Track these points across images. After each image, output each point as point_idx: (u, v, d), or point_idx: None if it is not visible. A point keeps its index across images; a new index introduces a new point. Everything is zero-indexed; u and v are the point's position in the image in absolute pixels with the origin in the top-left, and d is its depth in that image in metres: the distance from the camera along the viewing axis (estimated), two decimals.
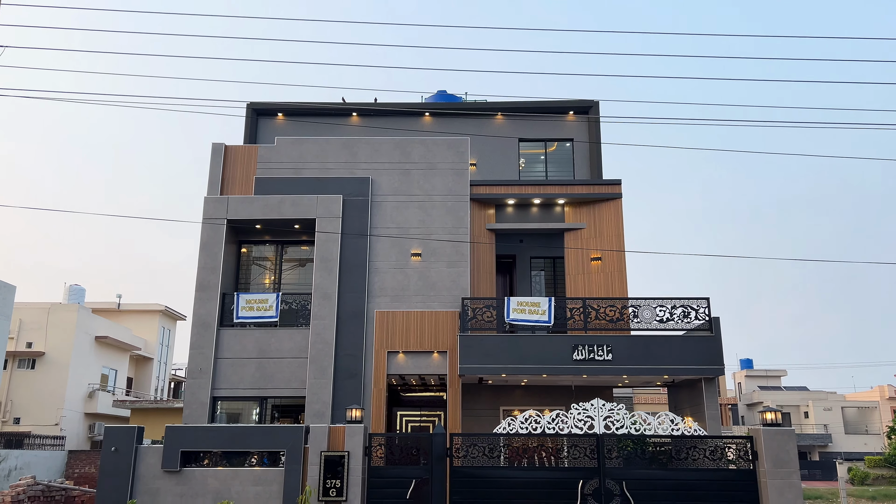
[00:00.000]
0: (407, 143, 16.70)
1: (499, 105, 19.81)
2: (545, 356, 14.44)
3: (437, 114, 19.78)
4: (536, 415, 11.42)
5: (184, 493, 11.07)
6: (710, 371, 14.31)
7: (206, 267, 15.64)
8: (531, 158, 19.62)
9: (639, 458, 11.66)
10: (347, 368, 15.01)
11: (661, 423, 11.25)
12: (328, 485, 10.84)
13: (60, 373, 32.84)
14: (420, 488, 10.94)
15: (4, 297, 27.69)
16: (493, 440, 11.44)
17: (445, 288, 15.59)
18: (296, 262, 17.15)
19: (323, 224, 15.78)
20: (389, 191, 16.27)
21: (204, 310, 15.41)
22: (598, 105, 19.39)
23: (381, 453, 11.35)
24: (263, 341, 15.38)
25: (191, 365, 15.22)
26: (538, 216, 17.77)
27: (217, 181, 16.41)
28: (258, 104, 19.73)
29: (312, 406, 14.63)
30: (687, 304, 14.62)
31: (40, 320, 33.39)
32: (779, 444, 10.72)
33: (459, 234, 15.93)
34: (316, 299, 15.34)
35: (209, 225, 15.84)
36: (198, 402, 14.89)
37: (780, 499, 10.47)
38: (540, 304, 14.91)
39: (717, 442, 11.26)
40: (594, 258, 17.15)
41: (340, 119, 19.86)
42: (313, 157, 16.57)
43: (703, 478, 10.95)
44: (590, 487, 10.92)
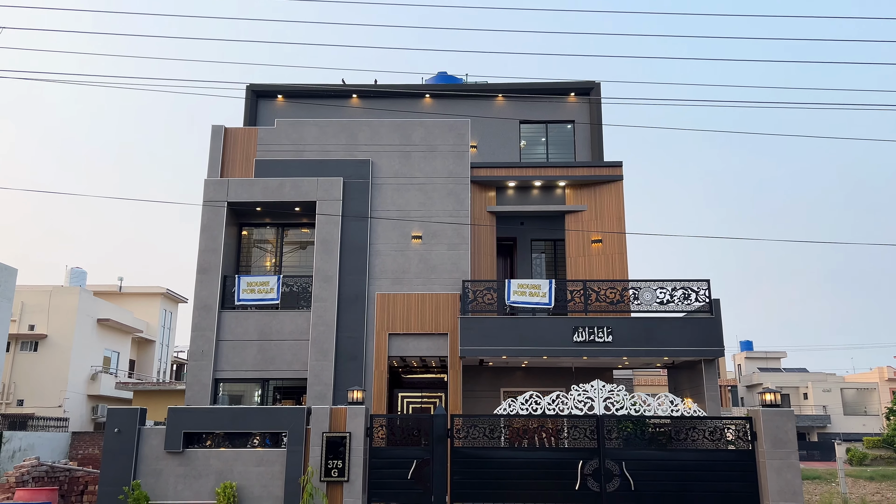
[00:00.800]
0: (407, 125, 16.64)
1: (499, 86, 19.72)
2: (545, 338, 14.49)
3: (437, 95, 19.69)
4: (537, 396, 11.47)
5: (187, 473, 11.17)
6: (709, 353, 14.36)
7: (206, 249, 15.66)
8: (532, 140, 19.56)
9: (638, 439, 11.72)
10: (349, 350, 15.07)
11: (661, 405, 11.31)
12: (330, 465, 10.93)
13: (63, 355, 32.99)
14: (421, 468, 11.03)
15: (6, 279, 27.75)
16: (493, 421, 11.50)
17: (446, 270, 15.61)
18: (296, 245, 17.16)
19: (323, 206, 15.76)
20: (390, 173, 16.23)
21: (205, 292, 15.45)
22: (599, 86, 19.30)
23: (383, 434, 11.43)
24: (265, 323, 15.43)
25: (192, 347, 15.29)
26: (539, 198, 17.74)
27: (217, 164, 16.37)
28: (258, 86, 19.64)
29: (314, 388, 14.71)
30: (687, 286, 14.63)
31: (42, 303, 33.50)
32: (778, 424, 10.77)
33: (460, 216, 15.91)
34: (317, 282, 15.36)
35: (210, 207, 15.83)
36: (200, 383, 14.97)
37: (779, 479, 10.55)
38: (540, 286, 14.93)
39: (716, 423, 11.32)
40: (595, 240, 17.15)
41: (340, 101, 19.78)
42: (313, 140, 16.52)
43: (702, 458, 11.02)
44: (590, 468, 11.00)
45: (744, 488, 10.84)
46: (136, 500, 10.79)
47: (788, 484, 10.52)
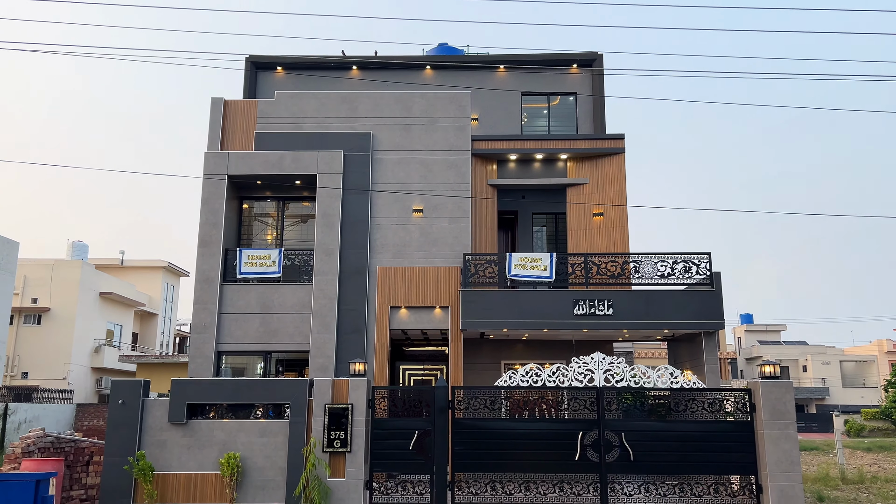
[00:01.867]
0: (408, 97, 16.51)
1: (501, 58, 19.53)
2: (546, 311, 14.54)
3: (438, 67, 19.52)
4: (537, 368, 11.55)
5: (191, 444, 11.29)
6: (710, 325, 14.41)
7: (207, 223, 15.65)
8: (534, 113, 19.42)
9: (638, 411, 11.83)
10: (350, 323, 15.13)
11: (661, 377, 11.38)
12: (332, 436, 11.03)
13: (66, 328, 33.20)
14: (423, 439, 11.14)
15: (8, 252, 27.80)
16: (494, 393, 11.59)
17: (447, 244, 15.60)
18: (297, 218, 17.14)
19: (324, 180, 15.71)
20: (390, 146, 16.15)
21: (207, 265, 15.48)
22: (601, 58, 19.11)
23: (385, 406, 11.52)
24: (266, 297, 15.48)
25: (195, 320, 15.35)
26: (540, 172, 17.67)
27: (217, 136, 16.29)
28: (257, 57, 19.47)
29: (316, 360, 14.80)
30: (688, 259, 14.64)
31: (44, 276, 33.62)
32: (776, 396, 10.85)
33: (461, 189, 15.86)
34: (318, 255, 15.38)
35: (210, 181, 15.78)
36: (203, 356, 15.07)
37: (777, 449, 10.65)
38: (541, 259, 14.94)
39: (715, 395, 11.41)
40: (596, 214, 17.12)
41: (340, 73, 19.61)
42: (313, 112, 16.41)
43: (700, 429, 11.13)
44: (589, 439, 11.11)
45: (742, 459, 10.96)
46: (140, 470, 10.92)
47: (786, 454, 10.63)
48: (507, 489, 11.10)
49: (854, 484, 14.91)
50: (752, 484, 10.95)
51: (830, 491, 13.92)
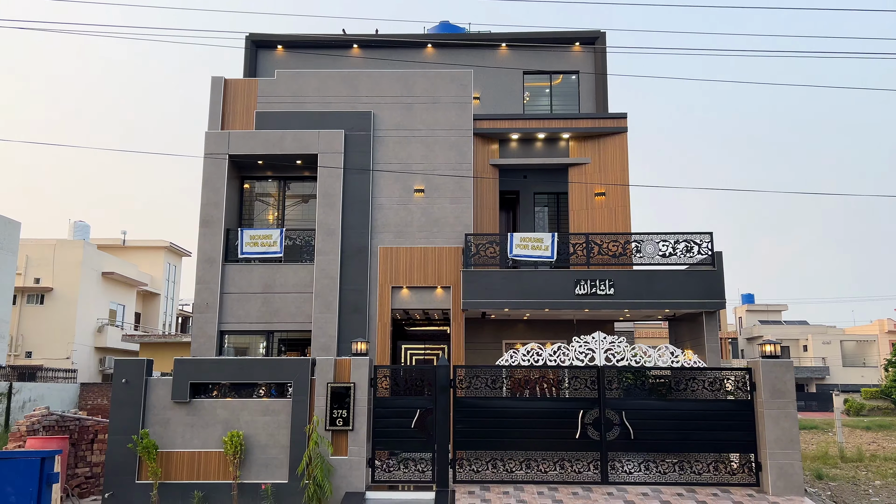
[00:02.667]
0: (409, 76, 16.40)
1: (503, 36, 19.36)
2: (548, 291, 14.55)
3: (439, 45, 19.36)
4: (538, 348, 11.59)
5: (194, 422, 11.37)
6: (711, 305, 14.43)
7: (209, 203, 15.63)
8: (536, 92, 19.30)
9: (638, 390, 11.89)
10: (352, 303, 15.17)
11: (661, 356, 11.43)
12: (335, 415, 11.11)
13: (69, 308, 33.31)
14: (424, 418, 11.22)
15: (9, 233, 27.83)
16: (495, 372, 11.65)
17: (448, 224, 15.59)
18: (299, 198, 17.12)
19: (325, 159, 15.66)
20: (391, 125, 16.07)
21: (208, 245, 15.49)
22: (604, 36, 18.94)
23: (386, 385, 11.59)
24: (268, 276, 15.50)
25: (197, 300, 15.40)
26: (542, 151, 17.59)
27: (217, 116, 16.22)
28: (258, 36, 19.32)
29: (318, 339, 14.86)
30: (690, 239, 14.62)
31: (47, 256, 33.67)
32: (776, 375, 10.90)
33: (462, 169, 15.81)
34: (320, 235, 15.38)
35: (211, 160, 15.74)
36: (205, 335, 15.13)
37: (776, 428, 10.72)
38: (543, 239, 14.93)
39: (715, 373, 11.46)
40: (598, 193, 17.07)
41: (341, 51, 19.47)
42: (314, 91, 16.32)
43: (701, 408, 11.19)
44: (590, 417, 11.18)
45: (742, 437, 11.04)
46: (145, 447, 11.02)
47: (785, 433, 10.71)
48: (507, 467, 11.20)
49: (853, 462, 15.02)
50: (752, 462, 11.04)
51: (829, 469, 14.03)
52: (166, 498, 11.06)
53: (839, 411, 19.07)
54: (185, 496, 11.06)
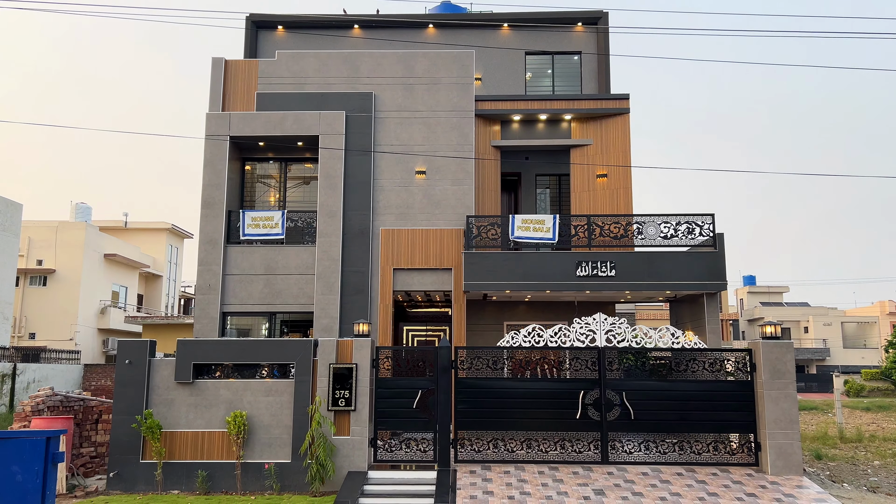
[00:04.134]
0: (410, 57, 16.31)
1: (505, 16, 19.23)
2: (549, 273, 14.57)
3: (440, 25, 19.23)
4: (539, 329, 11.64)
5: (197, 403, 11.46)
6: (712, 287, 14.45)
7: (210, 184, 15.62)
8: (538, 72, 19.20)
9: (639, 371, 11.95)
10: (354, 285, 15.21)
11: (662, 337, 11.47)
12: (337, 395, 11.19)
13: (72, 289, 33.41)
14: (426, 398, 11.30)
15: (12, 214, 27.85)
16: (496, 353, 11.71)
17: (450, 206, 15.58)
18: (300, 180, 17.10)
19: (326, 141, 15.62)
20: (393, 106, 16.01)
21: (210, 227, 15.50)
22: (607, 16, 18.81)
23: (388, 366, 11.66)
24: (270, 258, 15.53)
25: (199, 281, 15.44)
26: (544, 132, 17.54)
27: (218, 97, 16.16)
28: (258, 16, 19.20)
29: (321, 321, 14.92)
30: (691, 221, 14.61)
31: (49, 238, 33.72)
32: (777, 356, 10.94)
33: (464, 151, 15.77)
34: (321, 217, 15.38)
35: (212, 142, 15.71)
36: (208, 317, 15.19)
37: (776, 408, 10.78)
38: (545, 221, 14.92)
39: (716, 354, 11.50)
40: (600, 175, 17.04)
41: (342, 31, 19.35)
42: (315, 72, 16.24)
43: (701, 388, 11.25)
44: (590, 398, 11.25)
45: (742, 417, 11.11)
46: (149, 427, 11.11)
47: (785, 413, 10.77)
48: (508, 447, 11.29)
49: (852, 443, 15.11)
50: (751, 442, 11.11)
51: (828, 449, 14.12)
52: (170, 477, 11.18)
53: (839, 392, 19.14)
54: (189, 475, 11.18)
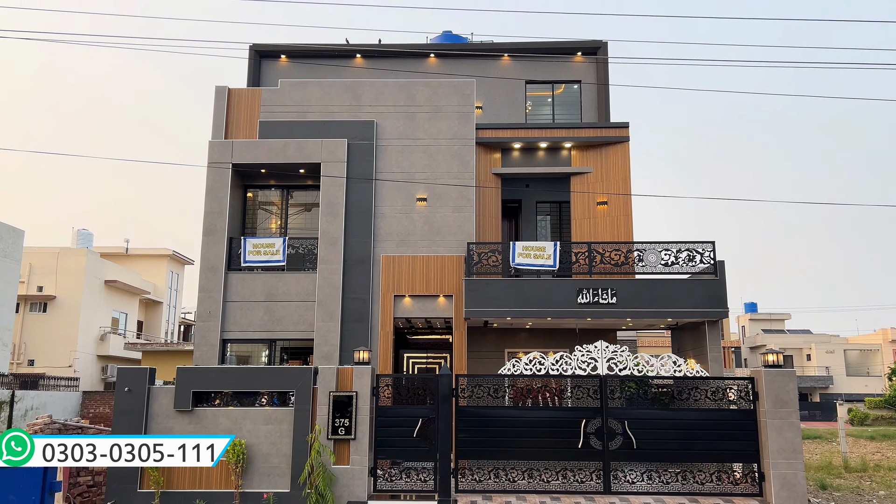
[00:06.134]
0: (412, 86, 16.47)
1: (505, 46, 19.45)
2: (550, 300, 14.55)
3: (442, 55, 19.45)
4: (541, 357, 11.59)
5: (196, 431, 11.36)
6: (713, 314, 14.41)
7: (212, 211, 15.68)
8: (538, 101, 19.37)
9: (641, 399, 11.87)
10: (355, 312, 15.18)
11: (664, 365, 11.41)
12: (337, 423, 11.11)
13: (72, 316, 33.34)
14: (426, 427, 11.21)
15: (13, 241, 27.90)
16: (497, 381, 11.64)
17: (451, 233, 15.61)
18: (301, 207, 17.16)
19: (328, 168, 15.71)
20: (394, 134, 16.13)
21: (211, 254, 15.52)
22: (606, 46, 19.01)
23: (389, 393, 11.59)
24: (271, 285, 15.52)
25: (200, 308, 15.42)
26: (544, 160, 17.64)
27: (221, 125, 16.29)
28: (261, 46, 19.42)
29: (321, 348, 14.86)
30: (692, 248, 14.63)
31: (50, 264, 33.74)
32: (779, 384, 10.88)
33: (465, 178, 15.85)
34: (322, 244, 15.41)
35: (214, 169, 15.80)
36: (208, 344, 15.14)
37: (779, 437, 10.69)
38: (545, 248, 14.95)
39: (718, 383, 11.44)
40: (600, 202, 17.10)
41: (344, 61, 19.56)
42: (317, 100, 16.39)
43: (703, 417, 11.17)
44: (592, 426, 11.16)
45: (745, 447, 11.01)
46: None
47: (788, 442, 10.67)
48: (510, 476, 11.18)
49: (857, 472, 14.95)
50: (755, 472, 11.00)
51: (833, 479, 13.97)
52: None
53: (843, 421, 18.99)
54: None
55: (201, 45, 39.11)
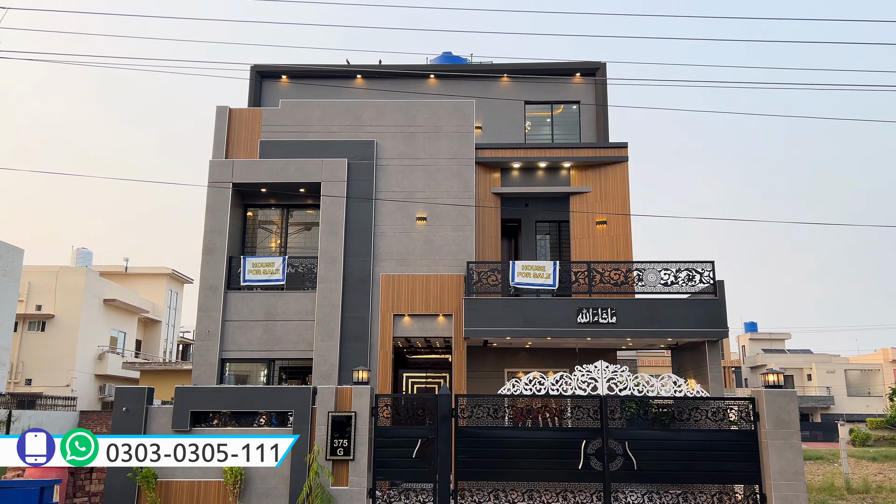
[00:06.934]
0: (412, 106, 16.58)
1: (505, 67, 19.59)
2: (550, 319, 14.53)
3: (442, 76, 19.59)
4: (540, 376, 11.54)
5: None
6: (713, 334, 14.39)
7: (212, 230, 15.70)
8: (537, 121, 19.48)
9: (641, 419, 11.81)
10: (354, 331, 15.15)
11: (664, 385, 11.37)
12: (336, 444, 11.04)
13: (70, 335, 33.23)
14: (426, 447, 11.13)
15: (13, 260, 27.89)
16: (497, 401, 11.59)
17: (451, 252, 15.63)
18: (301, 226, 17.20)
19: (328, 188, 15.77)
20: (394, 154, 16.21)
21: (211, 273, 15.52)
22: (605, 67, 19.16)
23: (388, 414, 11.52)
24: (270, 304, 15.51)
25: (199, 327, 15.39)
26: (544, 180, 17.70)
27: (222, 144, 16.38)
28: (262, 66, 19.56)
29: (320, 368, 14.81)
30: (691, 268, 14.64)
31: (49, 283, 33.69)
32: (780, 405, 10.83)
33: (464, 197, 15.90)
34: (322, 263, 15.42)
35: (215, 188, 15.85)
36: (206, 363, 15.09)
37: (781, 459, 10.62)
38: (545, 267, 14.95)
39: (719, 403, 11.38)
40: (599, 222, 17.13)
41: (345, 81, 19.69)
42: (318, 120, 16.49)
43: (704, 438, 11.10)
44: (593, 447, 11.09)
45: (746, 468, 10.92)
46: (144, 477, 10.93)
47: (790, 464, 10.60)
48: (509, 498, 11.09)
49: (859, 493, 14.84)
50: (756, 493, 10.91)
51: (835, 501, 13.86)
52: None
53: (844, 441, 18.89)
54: None
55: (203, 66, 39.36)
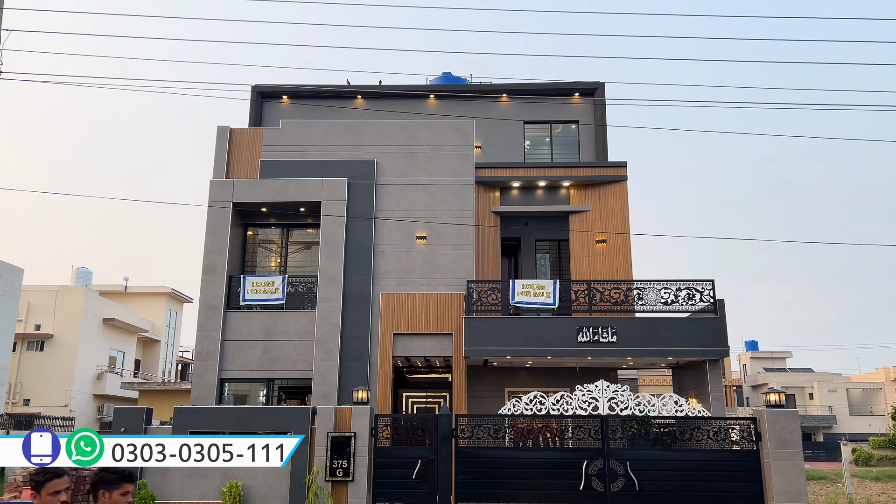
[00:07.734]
0: (412, 126, 16.67)
1: (504, 87, 19.73)
2: (550, 338, 14.49)
3: (441, 96, 19.71)
4: (541, 396, 11.48)
5: (193, 472, 11.21)
6: (714, 353, 14.34)
7: (212, 250, 15.71)
8: (536, 141, 19.57)
9: (643, 439, 11.72)
10: (353, 350, 15.10)
11: (666, 405, 11.30)
12: (335, 465, 10.96)
13: (69, 355, 33.10)
14: (426, 468, 11.05)
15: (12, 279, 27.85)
16: (497, 421, 11.52)
17: (450, 270, 15.63)
18: (301, 245, 17.21)
19: (328, 207, 15.80)
20: (394, 173, 16.26)
21: (210, 292, 15.51)
22: (603, 87, 19.29)
23: (388, 434, 11.45)
24: (270, 323, 15.47)
25: (198, 347, 15.34)
26: (543, 199, 17.74)
27: (222, 164, 16.43)
28: (263, 87, 19.69)
29: (319, 387, 14.74)
30: (692, 286, 14.62)
31: (48, 303, 33.61)
32: (782, 424, 10.76)
33: (464, 216, 15.93)
34: (322, 282, 15.40)
35: (215, 208, 15.88)
36: (205, 383, 15.02)
37: (783, 479, 10.54)
38: (545, 286, 14.94)
39: (720, 423, 11.31)
40: (599, 241, 17.15)
41: (345, 101, 19.81)
42: (318, 140, 16.57)
43: (706, 458, 11.02)
44: (594, 468, 11.00)
45: (748, 489, 10.83)
46: (142, 499, 10.84)
47: (793, 484, 10.51)
48: None
49: None
50: None
51: None
52: None
53: (847, 461, 18.75)
54: None
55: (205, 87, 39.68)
